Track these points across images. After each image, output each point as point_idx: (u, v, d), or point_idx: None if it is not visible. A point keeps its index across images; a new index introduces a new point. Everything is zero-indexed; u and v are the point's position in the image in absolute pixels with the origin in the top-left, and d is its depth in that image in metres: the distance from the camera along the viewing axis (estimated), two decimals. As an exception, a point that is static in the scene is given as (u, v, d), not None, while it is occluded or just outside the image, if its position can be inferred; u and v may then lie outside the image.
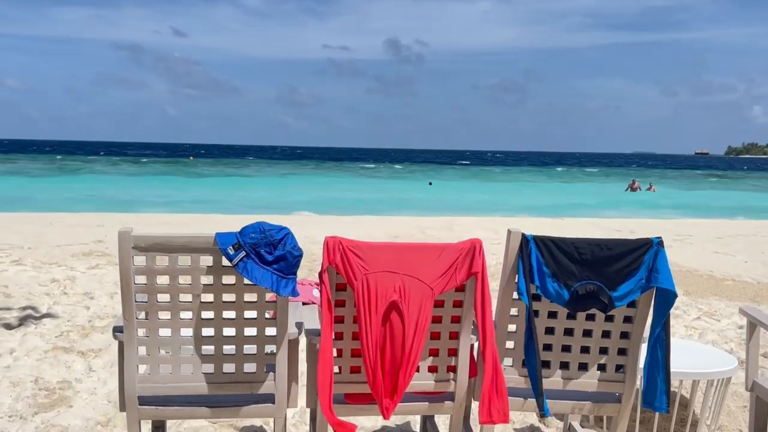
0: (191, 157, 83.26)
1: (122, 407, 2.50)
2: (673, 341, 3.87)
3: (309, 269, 7.59)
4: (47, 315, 5.62)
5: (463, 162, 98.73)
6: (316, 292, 3.06)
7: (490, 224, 13.06)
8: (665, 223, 14.69)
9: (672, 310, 6.30)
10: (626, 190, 36.78)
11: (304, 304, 2.90)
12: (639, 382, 2.99)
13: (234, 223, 11.96)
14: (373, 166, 72.78)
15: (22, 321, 5.43)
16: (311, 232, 10.88)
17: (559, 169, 79.01)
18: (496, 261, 8.60)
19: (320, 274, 2.50)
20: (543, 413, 2.59)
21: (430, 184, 41.00)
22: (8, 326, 5.31)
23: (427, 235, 11.01)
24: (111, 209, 18.55)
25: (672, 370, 3.20)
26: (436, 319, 2.61)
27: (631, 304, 2.64)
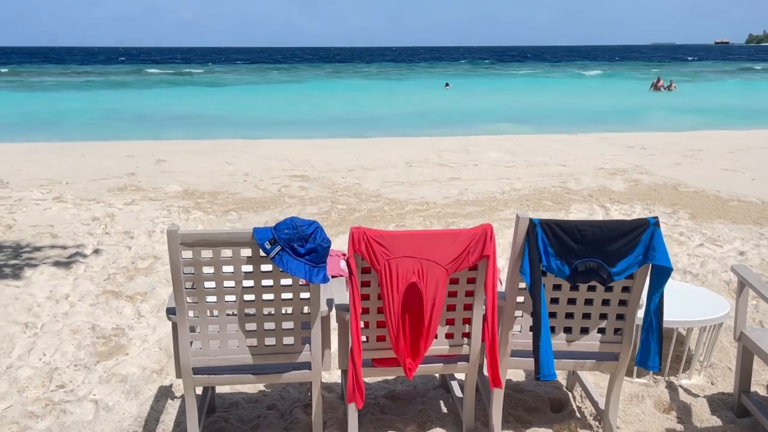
0: (210, 64, 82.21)
1: (178, 375, 2.81)
2: (671, 284, 4.08)
3: (332, 198, 7.85)
4: (93, 254, 5.97)
5: (484, 59, 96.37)
6: (342, 264, 3.30)
7: (505, 144, 13.05)
8: (677, 136, 14.51)
9: (677, 236, 6.49)
10: (650, 88, 35.83)
11: (332, 277, 3.15)
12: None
13: (254, 149, 12.17)
14: (389, 68, 71.36)
15: (72, 262, 5.75)
16: (331, 159, 11.06)
17: (580, 65, 76.95)
18: (510, 187, 8.77)
19: (347, 260, 2.74)
20: (539, 376, 2.85)
21: (447, 85, 40.31)
22: (59, 265, 5.68)
23: (443, 159, 11.07)
24: (139, 129, 18.68)
25: (668, 318, 3.46)
26: (452, 294, 2.85)
27: (629, 276, 2.84)
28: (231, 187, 8.84)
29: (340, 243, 6.23)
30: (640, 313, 2.96)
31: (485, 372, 3.29)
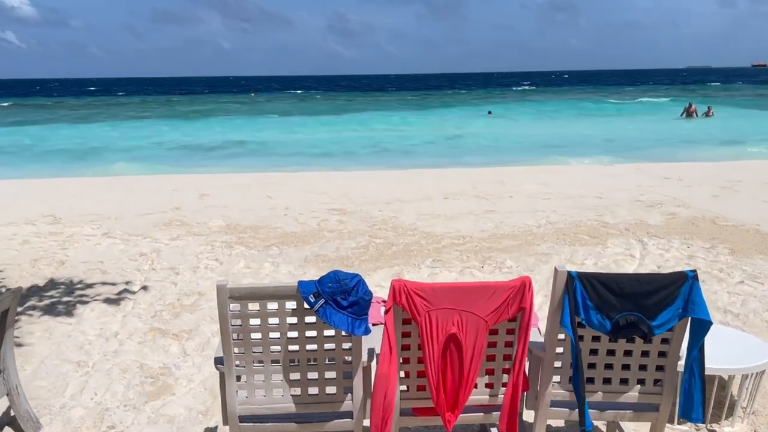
0: (253, 94, 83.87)
1: (225, 422, 2.86)
2: (713, 328, 4.01)
3: (369, 232, 7.92)
4: (141, 290, 6.11)
5: (521, 85, 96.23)
6: (383, 311, 3.35)
7: (540, 175, 13.00)
8: (715, 166, 14.25)
9: (716, 272, 6.39)
10: (681, 115, 35.14)
11: (373, 325, 3.19)
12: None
13: (294, 182, 12.36)
14: (429, 93, 71.81)
15: (120, 299, 5.91)
16: (369, 192, 11.17)
17: (617, 88, 76.37)
18: (545, 220, 8.71)
19: (386, 313, 2.78)
20: (584, 428, 2.84)
21: (490, 113, 40.41)
22: (109, 302, 5.85)
23: (478, 190, 11.07)
24: (185, 161, 19.15)
25: (710, 365, 3.40)
26: (491, 344, 2.87)
27: (670, 330, 2.81)
28: (272, 221, 8.99)
29: (378, 278, 6.29)
30: (681, 362, 2.92)
31: (524, 417, 3.29)
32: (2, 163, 19.92)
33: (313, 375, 2.82)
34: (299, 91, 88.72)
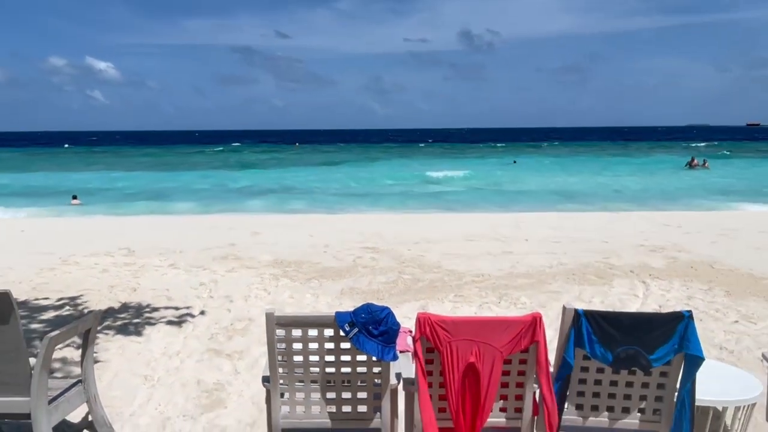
0: (297, 144, 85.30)
1: (270, 433, 2.94)
2: (709, 363, 3.92)
3: (398, 268, 7.96)
4: (199, 315, 6.22)
5: (548, 142, 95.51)
6: (409, 340, 3.38)
7: (552, 221, 12.95)
8: (712, 215, 14.04)
9: (713, 312, 6.25)
10: (685, 166, 35.00)
11: (401, 352, 3.22)
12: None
13: (333, 222, 12.50)
14: (454, 145, 72.08)
15: (182, 322, 6.02)
16: (399, 232, 11.23)
17: (623, 144, 75.74)
18: (557, 261, 8.65)
19: (414, 342, 2.83)
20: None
21: (515, 162, 40.48)
22: (172, 324, 5.96)
23: (497, 233, 11.06)
24: (239, 202, 19.55)
25: (705, 397, 3.34)
26: (506, 373, 2.88)
27: (667, 363, 2.79)
28: (313, 257, 9.09)
29: (405, 310, 6.30)
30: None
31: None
32: (93, 202, 20.64)
33: (346, 395, 2.88)
34: (340, 144, 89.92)
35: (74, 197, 21.90)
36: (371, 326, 2.73)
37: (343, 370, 2.84)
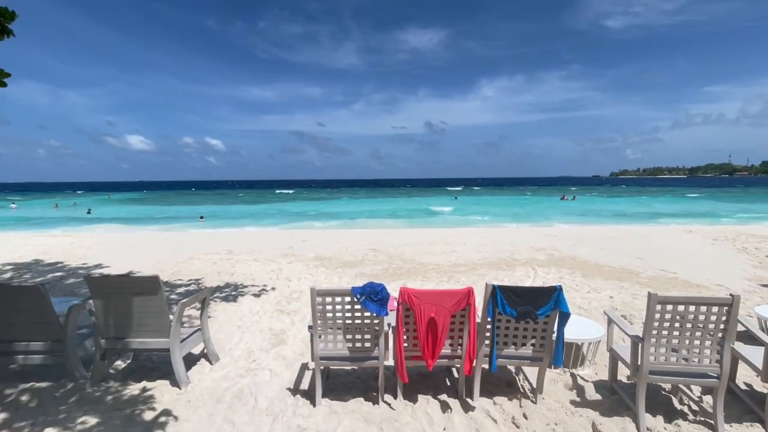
0: (328, 188, 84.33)
1: (312, 359, 2.88)
2: (575, 318, 3.92)
3: (389, 261, 7.88)
4: (271, 290, 6.13)
5: (476, 186, 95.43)
6: (395, 303, 3.38)
7: (480, 232, 12.91)
8: (575, 228, 14.04)
9: (575, 286, 6.17)
10: (561, 199, 35.20)
11: (390, 310, 3.23)
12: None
13: (351, 233, 12.46)
14: (422, 188, 71.99)
15: (260, 293, 5.90)
16: (390, 240, 11.13)
17: (521, 187, 75.96)
18: (482, 257, 8.60)
19: (398, 305, 2.83)
20: (492, 370, 2.79)
21: (456, 198, 40.37)
22: (254, 296, 5.85)
23: (447, 240, 11.01)
24: (295, 221, 19.37)
25: (571, 337, 3.34)
26: (452, 323, 2.87)
27: (547, 316, 2.81)
28: (339, 254, 9.02)
29: (394, 286, 6.19)
30: (554, 335, 2.88)
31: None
32: (208, 221, 20.40)
33: (358, 336, 2.86)
34: (354, 188, 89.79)
35: (201, 217, 21.90)
36: (373, 295, 2.74)
37: (356, 321, 2.84)
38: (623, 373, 3.47)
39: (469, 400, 3.00)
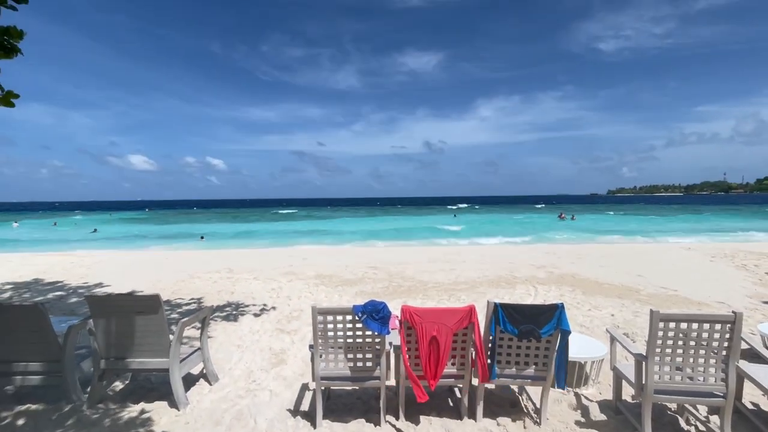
0: (329, 207, 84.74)
1: (313, 379, 2.84)
2: (577, 336, 3.88)
3: (389, 279, 7.84)
4: (271, 309, 6.05)
5: (471, 203, 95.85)
6: (396, 322, 3.35)
7: (479, 249, 12.90)
8: (574, 246, 14.02)
9: (576, 304, 6.12)
10: (558, 217, 35.04)
11: (392, 329, 3.20)
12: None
13: (352, 251, 12.43)
14: (420, 207, 72.13)
15: (260, 312, 5.83)
16: (390, 258, 11.12)
17: (519, 206, 76.20)
18: (482, 274, 8.55)
19: (399, 323, 2.81)
20: (491, 378, 2.74)
21: (455, 216, 40.39)
22: (255, 315, 5.77)
23: (447, 258, 10.98)
24: (293, 241, 19.36)
25: (575, 356, 3.30)
26: (454, 341, 2.84)
27: (550, 334, 2.78)
28: (339, 272, 8.96)
29: (395, 304, 6.13)
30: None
31: (473, 383, 3.19)
32: (209, 239, 20.37)
33: (359, 355, 2.82)
34: (354, 207, 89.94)
35: (201, 237, 21.83)
36: (374, 314, 2.72)
37: (357, 340, 2.81)
38: (627, 393, 3.41)
39: (472, 420, 2.94)
